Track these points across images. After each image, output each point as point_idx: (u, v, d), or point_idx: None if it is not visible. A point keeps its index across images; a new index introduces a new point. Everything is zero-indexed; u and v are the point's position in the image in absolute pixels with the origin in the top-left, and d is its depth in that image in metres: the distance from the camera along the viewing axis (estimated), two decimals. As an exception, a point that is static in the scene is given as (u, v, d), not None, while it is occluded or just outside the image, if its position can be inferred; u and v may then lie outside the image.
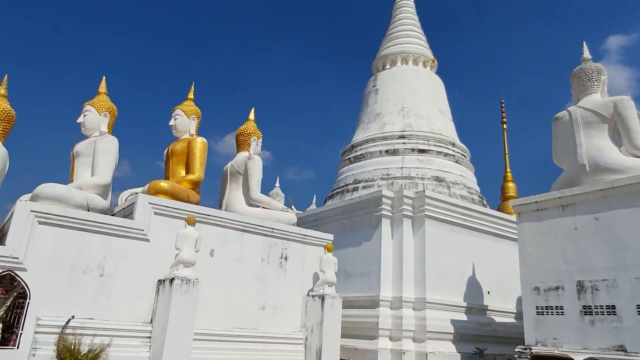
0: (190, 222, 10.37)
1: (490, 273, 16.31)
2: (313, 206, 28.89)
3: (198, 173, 12.62)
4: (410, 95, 21.28)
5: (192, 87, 14.09)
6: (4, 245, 9.01)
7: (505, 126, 26.11)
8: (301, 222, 15.66)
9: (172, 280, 9.66)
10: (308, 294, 12.51)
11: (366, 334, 14.39)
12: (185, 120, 13.36)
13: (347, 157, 20.97)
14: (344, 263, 15.22)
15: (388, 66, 22.84)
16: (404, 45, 22.97)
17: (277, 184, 31.02)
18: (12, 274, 8.90)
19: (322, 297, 12.01)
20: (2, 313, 9.04)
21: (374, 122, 21.19)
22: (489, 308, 15.84)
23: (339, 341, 11.98)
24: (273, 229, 12.36)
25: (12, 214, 9.73)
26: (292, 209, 14.85)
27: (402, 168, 18.79)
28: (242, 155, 13.60)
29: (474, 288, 15.74)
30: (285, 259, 12.51)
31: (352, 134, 22.52)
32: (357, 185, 18.98)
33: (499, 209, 21.71)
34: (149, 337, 9.78)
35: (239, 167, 13.39)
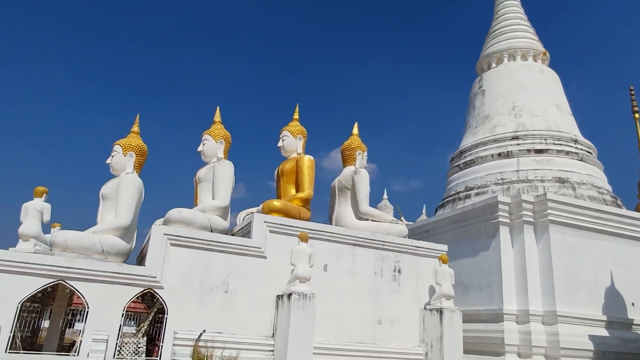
0: (303, 238, 10.69)
1: (633, 282, 14.45)
2: (423, 216, 28.19)
3: (307, 190, 13.02)
4: (521, 92, 19.92)
5: (297, 108, 14.69)
6: (144, 265, 10.09)
7: (637, 116, 23.16)
8: (412, 234, 15.34)
9: (289, 295, 10.01)
10: (425, 308, 12.14)
11: (491, 349, 13.53)
12: (292, 141, 13.92)
13: (456, 164, 20.17)
14: (461, 275, 14.55)
15: (494, 65, 21.66)
16: (510, 41, 21.64)
17: (385, 196, 30.82)
18: (152, 291, 9.91)
19: (440, 311, 11.56)
20: (146, 327, 10.10)
21: (482, 125, 20.16)
22: (634, 322, 14.00)
23: (461, 357, 11.40)
24: (384, 241, 12.25)
25: (149, 238, 10.87)
26: (401, 221, 14.61)
27: (517, 171, 17.56)
28: (349, 169, 13.75)
29: (613, 299, 14.04)
30: (399, 271, 12.31)
31: (459, 139, 21.67)
32: (469, 192, 18.12)
33: (638, 209, 19.21)
34: (272, 351, 10.19)
35: (346, 181, 13.55)
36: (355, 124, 14.67)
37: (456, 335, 11.45)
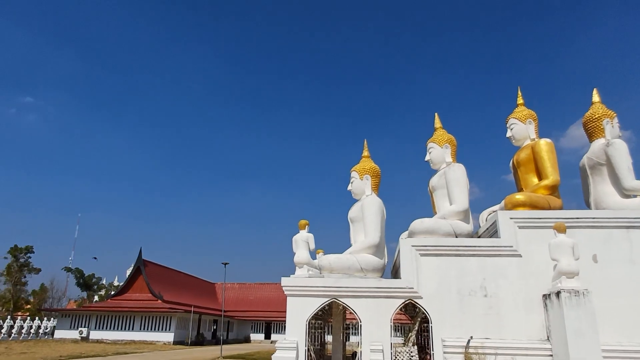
0: (560, 229, 9.66)
1: None
2: None
3: (552, 176, 11.77)
4: None
5: (519, 92, 13.58)
6: (399, 278, 10.65)
7: None
8: None
9: (558, 293, 9.10)
10: None
11: None
12: (521, 127, 12.88)
13: None
14: None
15: None
16: None
17: (654, 163, 25.21)
18: (413, 301, 10.35)
19: None
20: (414, 336, 10.56)
21: None
22: None
23: None
24: (670, 218, 10.10)
25: (398, 251, 11.45)
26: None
27: None
28: (598, 143, 11.93)
29: None
30: (699, 252, 9.91)
31: None
32: None
33: None
34: (550, 355, 9.36)
35: (598, 157, 11.77)
36: (595, 91, 12.72)
37: None
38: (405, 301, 10.33)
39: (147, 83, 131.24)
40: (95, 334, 37.70)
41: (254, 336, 53.75)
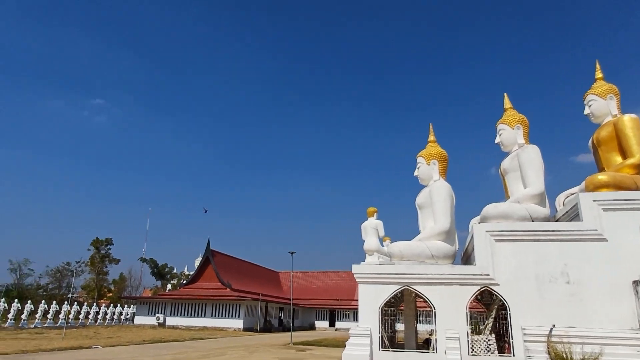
0: (652, 211, 8.96)
1: None
2: None
3: (639, 154, 10.93)
4: None
5: (597, 65, 12.67)
6: (471, 265, 10.34)
7: None
8: None
9: (651, 279, 8.48)
10: None
11: None
12: (601, 104, 12.02)
13: None
14: None
15: None
16: None
17: None
18: (489, 289, 10.04)
19: None
20: (491, 324, 10.26)
21: None
22: None
23: None
24: None
25: (471, 237, 11.12)
26: None
27: None
28: (692, 116, 10.91)
29: None
30: None
31: None
32: None
33: None
34: (644, 345, 8.77)
35: (693, 131, 10.75)
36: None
37: None
38: (481, 288, 10.04)
39: (206, 81, 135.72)
40: (170, 320, 39.88)
41: (319, 323, 54.58)
